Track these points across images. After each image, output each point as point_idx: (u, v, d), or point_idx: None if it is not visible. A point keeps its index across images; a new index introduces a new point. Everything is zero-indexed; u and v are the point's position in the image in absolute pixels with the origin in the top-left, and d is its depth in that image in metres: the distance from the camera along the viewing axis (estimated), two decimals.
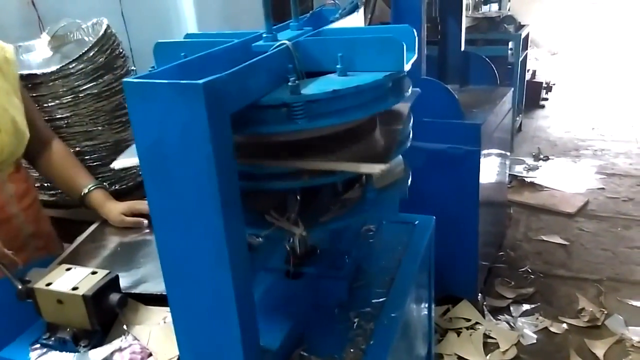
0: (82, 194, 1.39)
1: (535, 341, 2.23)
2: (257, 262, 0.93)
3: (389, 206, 0.93)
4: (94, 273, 1.02)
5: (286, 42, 0.84)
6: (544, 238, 3.02)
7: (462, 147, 2.05)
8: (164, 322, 1.02)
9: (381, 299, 1.07)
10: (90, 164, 1.58)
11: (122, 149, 1.63)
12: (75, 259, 1.27)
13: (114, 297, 1.00)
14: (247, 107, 0.73)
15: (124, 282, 1.08)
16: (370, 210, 0.91)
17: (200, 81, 0.62)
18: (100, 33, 1.56)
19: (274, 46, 0.86)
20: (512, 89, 2.58)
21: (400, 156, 0.96)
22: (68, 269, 1.05)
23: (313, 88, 0.78)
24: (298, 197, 0.87)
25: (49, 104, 1.50)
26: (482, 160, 2.11)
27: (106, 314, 1.00)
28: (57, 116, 1.51)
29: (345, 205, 0.89)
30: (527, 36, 4.32)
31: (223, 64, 0.88)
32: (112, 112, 1.58)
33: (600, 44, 7.04)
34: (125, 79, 0.66)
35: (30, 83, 1.48)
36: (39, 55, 1.72)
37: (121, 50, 1.63)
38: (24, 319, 1.05)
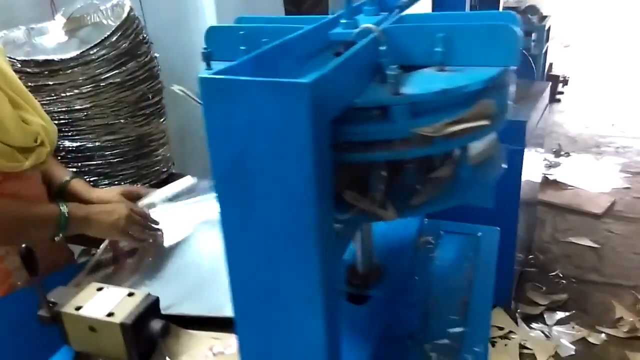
0: (62, 181, 1.22)
1: (573, 352, 2.11)
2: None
3: (485, 189, 0.78)
4: (130, 295, 0.88)
5: (374, 28, 0.69)
6: (573, 240, 2.89)
7: (506, 145, 1.91)
8: (213, 354, 0.88)
9: (459, 329, 0.93)
10: (111, 160, 1.43)
11: (144, 144, 1.49)
12: (96, 276, 1.13)
13: (156, 324, 0.86)
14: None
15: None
16: (466, 193, 0.75)
17: (306, 80, 0.48)
18: (124, 16, 1.41)
19: (354, 34, 0.72)
20: (550, 83, 2.44)
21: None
22: (99, 289, 0.91)
23: (414, 87, 0.64)
24: (384, 174, 0.71)
25: (67, 94, 1.34)
26: (525, 160, 1.97)
27: (146, 343, 0.86)
28: (76, 107, 1.36)
29: (436, 186, 0.73)
30: (549, 27, 4.17)
31: (299, 55, 0.74)
32: (136, 103, 1.44)
33: (614, 36, 6.89)
34: (201, 75, 0.51)
35: (46, 70, 1.32)
36: (53, 39, 1.56)
37: (145, 36, 1.48)
38: (41, 338, 0.91)
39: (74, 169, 1.41)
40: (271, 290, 0.57)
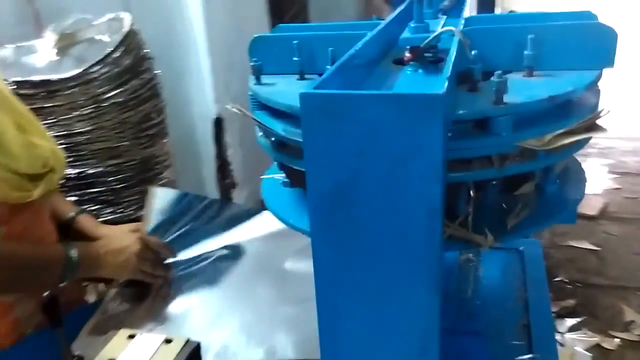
0: (68, 217, 1.10)
1: None
2: None
3: (571, 204, 0.71)
4: (168, 342, 0.78)
5: (457, 31, 0.62)
6: (573, 244, 2.86)
7: None
8: None
9: (527, 356, 0.86)
10: (114, 186, 1.32)
11: (149, 167, 1.39)
12: (116, 318, 1.01)
13: None
14: None
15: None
16: (554, 209, 0.67)
17: (436, 91, 0.40)
18: (124, 30, 1.31)
19: (431, 38, 0.65)
20: None
21: None
22: (131, 337, 0.80)
23: (514, 95, 0.56)
24: (472, 194, 0.63)
25: (67, 116, 1.23)
26: None
27: None
28: (76, 130, 1.25)
29: (526, 204, 0.65)
30: None
31: (368, 64, 0.66)
32: (139, 124, 1.33)
33: None
34: (305, 92, 0.43)
35: (43, 91, 1.21)
36: (44, 58, 1.44)
37: (147, 51, 1.38)
38: None
39: (75, 198, 1.29)
40: (380, 335, 0.49)
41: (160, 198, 1.18)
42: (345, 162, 0.43)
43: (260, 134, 0.73)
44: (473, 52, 0.58)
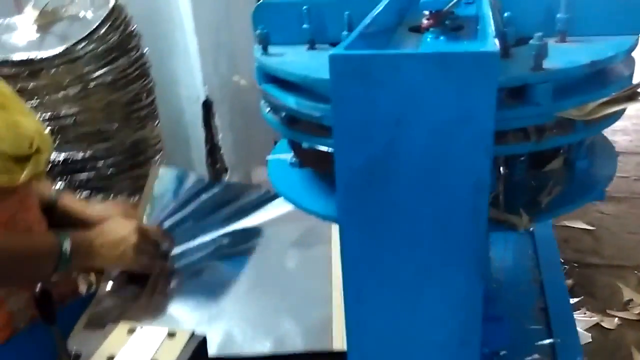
0: (48, 198, 1.03)
1: (590, 340, 2.05)
2: None
3: (602, 180, 0.66)
4: (171, 335, 0.73)
5: None
6: (567, 224, 2.85)
7: None
8: None
9: (547, 341, 0.82)
10: (104, 172, 1.26)
11: (140, 151, 1.32)
12: (112, 311, 0.96)
13: None
14: None
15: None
16: (586, 186, 0.63)
17: (488, 48, 0.35)
18: (110, 5, 1.23)
19: (454, 2, 0.59)
20: None
21: None
22: (131, 331, 0.75)
23: (552, 60, 0.51)
24: (503, 171, 0.58)
25: (51, 97, 1.17)
26: None
27: None
28: (63, 113, 1.18)
29: (557, 182, 0.61)
30: None
31: (387, 30, 0.60)
32: (129, 105, 1.27)
33: None
34: (336, 53, 0.37)
35: (26, 70, 1.14)
36: (24, 36, 1.36)
37: (133, 27, 1.31)
38: None
39: (62, 184, 1.23)
40: (408, 327, 0.44)
41: (161, 179, 1.10)
42: (380, 133, 0.38)
43: (268, 109, 0.67)
44: (507, 14, 0.53)
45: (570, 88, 0.51)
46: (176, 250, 1.08)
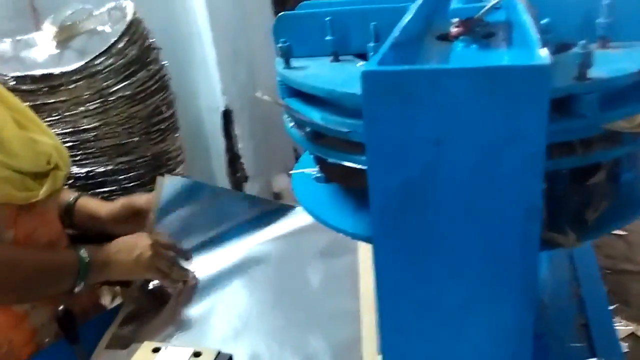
0: (67, 203, 1.03)
1: (627, 349, 1.98)
2: None
3: None
4: (197, 355, 0.71)
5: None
6: None
7: None
8: None
9: None
10: (126, 185, 1.25)
11: (161, 163, 1.31)
12: (135, 329, 0.94)
13: None
14: None
15: None
16: (637, 201, 0.59)
17: (540, 61, 0.32)
18: (128, 19, 1.23)
19: (486, 7, 0.56)
20: None
21: None
22: (156, 350, 0.73)
23: (597, 69, 0.48)
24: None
25: (72, 112, 1.16)
26: None
27: None
28: (83, 127, 1.17)
29: (602, 196, 0.57)
30: None
31: (415, 39, 0.57)
32: (149, 118, 1.26)
33: None
34: (369, 69, 0.35)
35: (45, 86, 1.14)
36: (43, 52, 1.37)
37: (152, 41, 1.30)
38: None
39: None
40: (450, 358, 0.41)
41: (170, 188, 1.08)
42: (419, 153, 0.35)
43: (292, 124, 0.65)
44: (543, 22, 0.50)
45: (618, 98, 0.47)
46: (195, 262, 1.06)
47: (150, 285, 1.02)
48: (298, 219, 1.16)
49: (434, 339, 0.40)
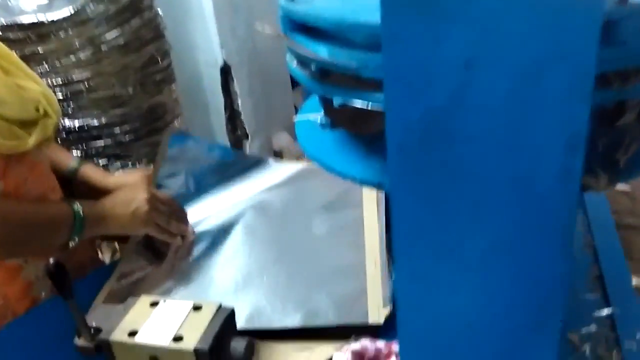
0: (70, 168, 1.00)
1: None
2: None
3: None
4: (197, 309, 0.68)
5: None
6: None
7: None
8: None
9: (604, 311, 0.76)
10: (121, 139, 1.21)
11: (158, 116, 1.27)
12: (133, 284, 0.92)
13: (239, 344, 0.66)
14: None
15: None
16: None
17: None
18: None
19: None
20: None
21: None
22: (154, 304, 0.70)
23: None
24: None
25: (62, 62, 1.11)
26: None
27: None
28: (75, 78, 1.12)
29: (632, 138, 0.53)
30: None
31: None
32: (144, 68, 1.20)
33: None
34: None
35: (34, 34, 1.08)
36: (32, 0, 1.30)
37: None
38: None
39: (79, 152, 1.18)
40: (473, 312, 0.38)
41: (175, 145, 1.04)
42: (445, 79, 0.31)
43: (294, 62, 0.60)
44: None
45: None
46: (196, 215, 1.03)
47: (148, 240, 0.99)
48: (294, 169, 1.13)
49: (454, 289, 0.37)
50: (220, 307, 0.68)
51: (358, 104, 0.52)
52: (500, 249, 0.34)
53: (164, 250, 0.98)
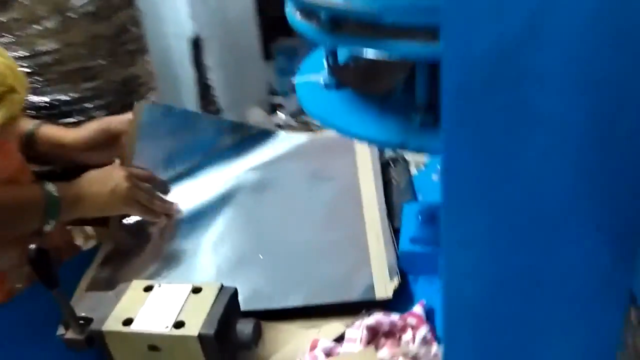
0: (27, 132, 0.91)
1: None
2: None
3: None
4: (196, 291, 0.63)
5: None
6: None
7: None
8: (323, 354, 0.65)
9: None
10: (93, 114, 1.12)
11: (132, 89, 1.19)
12: (116, 269, 0.85)
13: (246, 326, 0.61)
14: None
15: None
16: None
17: None
18: None
19: None
20: None
21: None
22: (147, 289, 0.64)
23: None
24: None
25: (27, 32, 1.01)
26: None
27: (232, 353, 0.62)
28: (42, 49, 1.03)
29: None
30: None
31: None
32: (115, 37, 1.12)
33: None
34: None
35: None
36: None
37: None
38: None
39: None
40: (540, 275, 0.34)
41: (147, 116, 0.96)
42: (519, 3, 0.26)
43: (297, 14, 0.54)
44: None
45: None
46: (178, 192, 0.97)
47: (130, 221, 0.93)
48: (283, 144, 1.08)
49: (515, 252, 0.33)
50: (222, 287, 0.63)
51: (375, 55, 0.47)
52: (574, 205, 0.30)
53: (148, 231, 0.92)
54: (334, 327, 0.68)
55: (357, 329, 0.64)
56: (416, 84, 0.48)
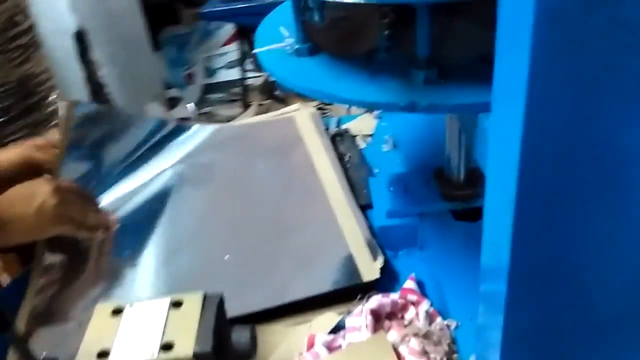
0: None
1: None
2: None
3: None
4: (177, 305, 0.54)
5: None
6: None
7: None
8: (325, 348, 0.59)
9: None
10: None
11: (30, 89, 1.04)
12: (61, 303, 0.73)
13: (242, 334, 0.54)
14: None
15: None
16: None
17: None
18: None
19: None
20: None
21: None
22: (116, 312, 0.55)
23: None
24: None
25: None
26: None
27: None
28: None
29: None
30: None
31: None
32: (3, 32, 0.96)
33: None
34: None
35: None
36: None
37: None
38: None
39: None
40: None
41: (76, 117, 0.84)
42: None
43: None
44: None
45: None
46: (113, 199, 0.86)
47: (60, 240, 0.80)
48: (208, 134, 0.99)
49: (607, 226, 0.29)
50: (206, 296, 0.55)
51: None
52: None
53: (82, 248, 0.80)
54: (327, 318, 0.63)
55: (357, 316, 0.59)
56: (417, 35, 0.44)
